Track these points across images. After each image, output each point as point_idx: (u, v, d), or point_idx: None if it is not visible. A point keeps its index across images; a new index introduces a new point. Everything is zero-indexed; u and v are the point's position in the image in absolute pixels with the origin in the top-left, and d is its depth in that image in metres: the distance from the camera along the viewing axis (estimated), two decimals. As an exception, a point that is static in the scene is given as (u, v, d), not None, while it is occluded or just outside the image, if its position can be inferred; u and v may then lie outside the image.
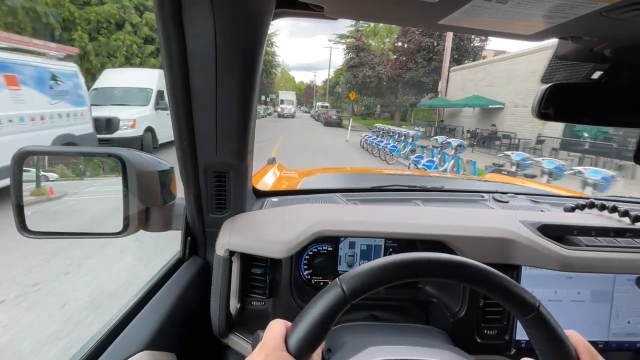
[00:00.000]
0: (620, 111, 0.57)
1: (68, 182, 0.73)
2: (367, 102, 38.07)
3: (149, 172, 0.69)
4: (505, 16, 0.45)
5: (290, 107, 36.97)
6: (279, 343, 0.36)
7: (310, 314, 0.36)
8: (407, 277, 0.39)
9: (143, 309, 0.63)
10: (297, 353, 0.35)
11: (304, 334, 0.36)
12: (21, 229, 0.64)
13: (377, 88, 27.31)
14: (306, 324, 0.36)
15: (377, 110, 37.43)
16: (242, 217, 0.79)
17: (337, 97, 42.27)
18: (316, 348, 0.37)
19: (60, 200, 0.72)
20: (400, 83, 25.24)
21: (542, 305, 0.39)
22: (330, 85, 46.80)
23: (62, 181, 0.72)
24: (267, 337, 0.37)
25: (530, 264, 0.71)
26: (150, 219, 0.74)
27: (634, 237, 0.76)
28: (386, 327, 0.69)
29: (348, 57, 28.47)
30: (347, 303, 0.36)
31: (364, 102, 38.73)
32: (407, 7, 0.47)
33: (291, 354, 0.35)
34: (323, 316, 0.36)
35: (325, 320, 0.36)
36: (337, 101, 43.12)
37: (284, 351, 0.35)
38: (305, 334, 0.36)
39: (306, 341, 0.36)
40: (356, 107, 40.05)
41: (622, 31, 0.47)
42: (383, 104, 34.72)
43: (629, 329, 0.75)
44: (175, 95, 0.61)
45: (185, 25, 0.54)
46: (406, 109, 28.55)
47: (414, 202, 1.04)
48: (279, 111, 38.02)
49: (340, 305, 0.36)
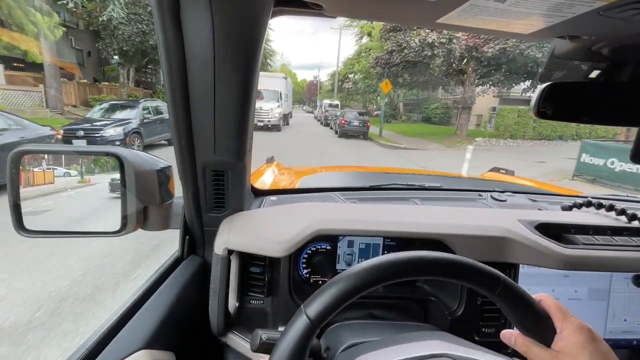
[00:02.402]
0: (618, 110, 0.57)
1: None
2: (407, 95, 26.19)
3: (147, 171, 0.69)
4: (504, 15, 0.45)
5: (274, 106, 15.36)
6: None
7: (281, 348, 0.37)
8: (376, 285, 0.38)
9: (141, 308, 0.63)
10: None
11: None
12: (18, 228, 0.64)
13: (427, 71, 15.30)
14: (280, 357, 0.36)
15: (399, 109, 27.10)
16: (240, 216, 0.78)
17: (347, 94, 31.49)
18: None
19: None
20: (476, 62, 14.18)
21: (507, 278, 0.40)
22: (338, 80, 34.11)
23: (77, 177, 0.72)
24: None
25: (528, 262, 0.71)
26: (148, 218, 0.74)
27: (631, 235, 0.77)
28: (384, 326, 0.69)
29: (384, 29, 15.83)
30: (316, 328, 0.37)
31: (405, 96, 26.36)
32: (405, 5, 0.47)
33: None
34: (294, 348, 0.37)
35: (297, 350, 0.36)
36: (347, 99, 32.25)
37: None
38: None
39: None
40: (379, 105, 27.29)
41: (620, 30, 0.47)
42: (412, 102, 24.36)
43: (626, 326, 0.76)
44: (173, 94, 0.60)
45: (184, 23, 0.54)
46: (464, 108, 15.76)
47: (412, 200, 1.04)
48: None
49: (309, 333, 0.37)
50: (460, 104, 16.34)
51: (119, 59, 16.08)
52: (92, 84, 16.39)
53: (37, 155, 0.70)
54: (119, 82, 16.36)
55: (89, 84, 16.09)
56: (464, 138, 15.59)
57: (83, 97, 14.87)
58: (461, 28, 0.54)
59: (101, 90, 16.09)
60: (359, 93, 29.73)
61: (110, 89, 16.36)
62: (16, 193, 0.63)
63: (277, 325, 0.76)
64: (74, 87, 14.63)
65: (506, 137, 16.78)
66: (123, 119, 7.99)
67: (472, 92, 15.65)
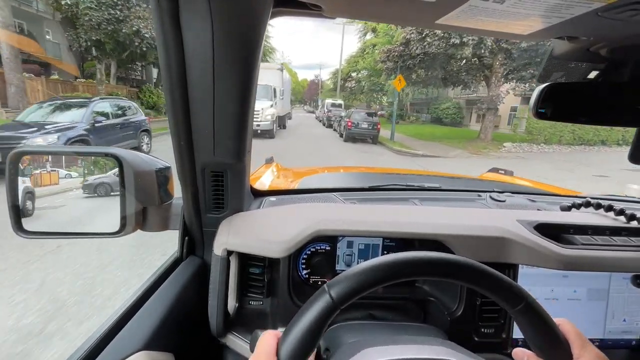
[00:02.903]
0: (616, 110, 0.58)
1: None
2: (416, 94, 23.75)
3: (146, 172, 0.69)
4: (502, 16, 0.45)
5: (265, 106, 12.46)
6: (271, 355, 0.36)
7: (300, 323, 0.37)
8: (396, 278, 0.39)
9: (140, 309, 0.63)
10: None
11: (295, 343, 0.36)
12: (17, 229, 0.64)
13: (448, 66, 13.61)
14: (296, 333, 0.36)
15: (406, 109, 24.48)
16: (240, 217, 0.78)
17: (350, 93, 31.16)
18: (308, 356, 0.37)
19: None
20: (505, 54, 12.48)
21: (531, 296, 0.40)
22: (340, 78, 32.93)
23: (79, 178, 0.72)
24: (259, 349, 0.38)
25: (527, 262, 0.71)
26: (147, 219, 0.74)
27: (630, 235, 0.77)
28: (384, 326, 0.69)
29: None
30: (337, 309, 0.37)
31: (414, 95, 24.04)
32: (404, 6, 0.47)
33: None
34: (313, 324, 0.36)
35: (315, 328, 0.36)
36: (350, 98, 31.31)
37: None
38: (296, 343, 0.36)
39: (298, 350, 0.36)
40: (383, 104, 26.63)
41: (618, 31, 0.47)
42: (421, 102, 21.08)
43: (625, 327, 0.76)
44: (172, 94, 0.60)
45: (183, 23, 0.54)
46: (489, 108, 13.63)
47: (411, 201, 1.04)
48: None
49: (329, 312, 0.36)
50: (485, 103, 14.02)
51: (95, 52, 14.21)
52: (65, 80, 14.30)
53: (39, 157, 0.70)
54: (96, 79, 14.38)
55: (62, 80, 13.99)
56: (489, 142, 13.84)
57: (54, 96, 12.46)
58: (460, 29, 0.54)
59: (76, 87, 14.04)
60: (363, 92, 28.20)
61: (88, 86, 14.39)
62: (15, 194, 0.63)
63: (277, 326, 0.76)
64: (41, 83, 12.17)
65: (539, 142, 14.65)
66: (64, 123, 6.35)
67: (498, 90, 13.60)
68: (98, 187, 0.71)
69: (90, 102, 7.16)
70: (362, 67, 26.01)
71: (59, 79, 14.09)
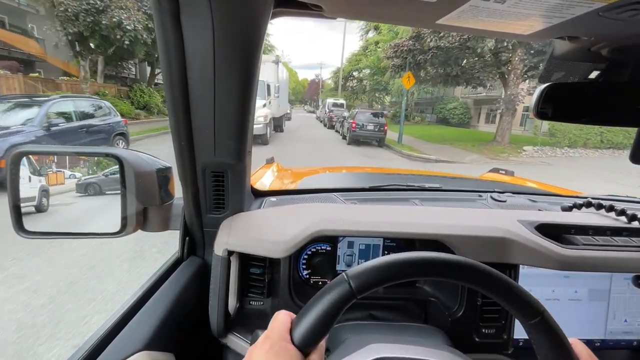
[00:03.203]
0: (617, 110, 0.57)
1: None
2: (421, 93, 22.10)
3: (147, 172, 0.69)
4: (503, 16, 0.45)
5: (258, 105, 8.23)
6: (284, 334, 0.36)
7: (316, 307, 0.36)
8: (415, 276, 0.39)
9: (141, 309, 0.63)
10: (301, 345, 0.35)
11: (308, 326, 0.36)
12: (18, 229, 0.64)
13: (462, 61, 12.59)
14: (311, 316, 0.36)
15: (411, 109, 22.39)
16: (240, 217, 0.78)
17: (352, 93, 29.75)
18: (320, 341, 0.37)
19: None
20: (524, 48, 11.39)
21: (547, 311, 0.39)
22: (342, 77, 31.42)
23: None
24: (273, 327, 0.37)
25: (528, 263, 0.71)
26: (148, 219, 0.74)
27: (631, 236, 0.77)
28: (385, 327, 0.69)
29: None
30: (354, 298, 0.36)
31: (419, 94, 22.18)
32: (405, 6, 0.47)
33: (295, 345, 0.35)
34: (328, 310, 0.36)
35: (330, 314, 0.36)
36: (351, 98, 29.38)
37: (289, 342, 0.35)
38: (310, 326, 0.36)
39: (311, 334, 0.36)
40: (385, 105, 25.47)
41: (619, 31, 0.47)
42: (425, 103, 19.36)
43: (626, 327, 0.76)
44: (173, 95, 0.60)
45: (183, 24, 0.54)
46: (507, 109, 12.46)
47: (412, 201, 1.04)
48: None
49: (347, 300, 0.36)
50: (503, 103, 12.81)
51: (78, 48, 12.79)
52: (47, 78, 13.26)
53: (46, 157, 0.70)
54: (80, 77, 13.04)
55: (42, 78, 12.90)
56: (507, 146, 12.67)
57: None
58: (461, 29, 0.54)
59: (59, 86, 12.91)
60: (365, 91, 27.05)
61: (72, 85, 13.32)
62: (16, 194, 0.63)
63: None
64: (18, 82, 10.97)
65: (563, 146, 13.43)
66: (11, 126, 5.10)
67: (517, 89, 12.27)
68: (88, 187, 0.72)
69: (46, 101, 5.76)
70: (365, 65, 25.08)
71: (39, 77, 13.00)
